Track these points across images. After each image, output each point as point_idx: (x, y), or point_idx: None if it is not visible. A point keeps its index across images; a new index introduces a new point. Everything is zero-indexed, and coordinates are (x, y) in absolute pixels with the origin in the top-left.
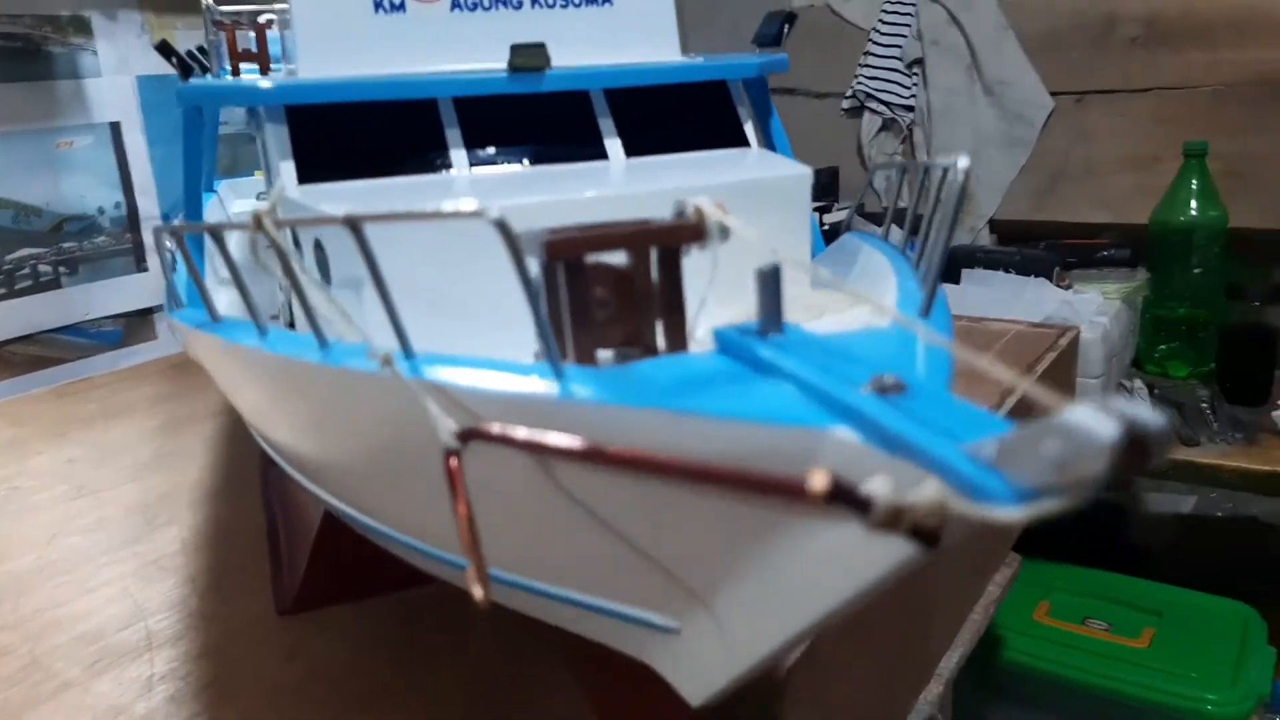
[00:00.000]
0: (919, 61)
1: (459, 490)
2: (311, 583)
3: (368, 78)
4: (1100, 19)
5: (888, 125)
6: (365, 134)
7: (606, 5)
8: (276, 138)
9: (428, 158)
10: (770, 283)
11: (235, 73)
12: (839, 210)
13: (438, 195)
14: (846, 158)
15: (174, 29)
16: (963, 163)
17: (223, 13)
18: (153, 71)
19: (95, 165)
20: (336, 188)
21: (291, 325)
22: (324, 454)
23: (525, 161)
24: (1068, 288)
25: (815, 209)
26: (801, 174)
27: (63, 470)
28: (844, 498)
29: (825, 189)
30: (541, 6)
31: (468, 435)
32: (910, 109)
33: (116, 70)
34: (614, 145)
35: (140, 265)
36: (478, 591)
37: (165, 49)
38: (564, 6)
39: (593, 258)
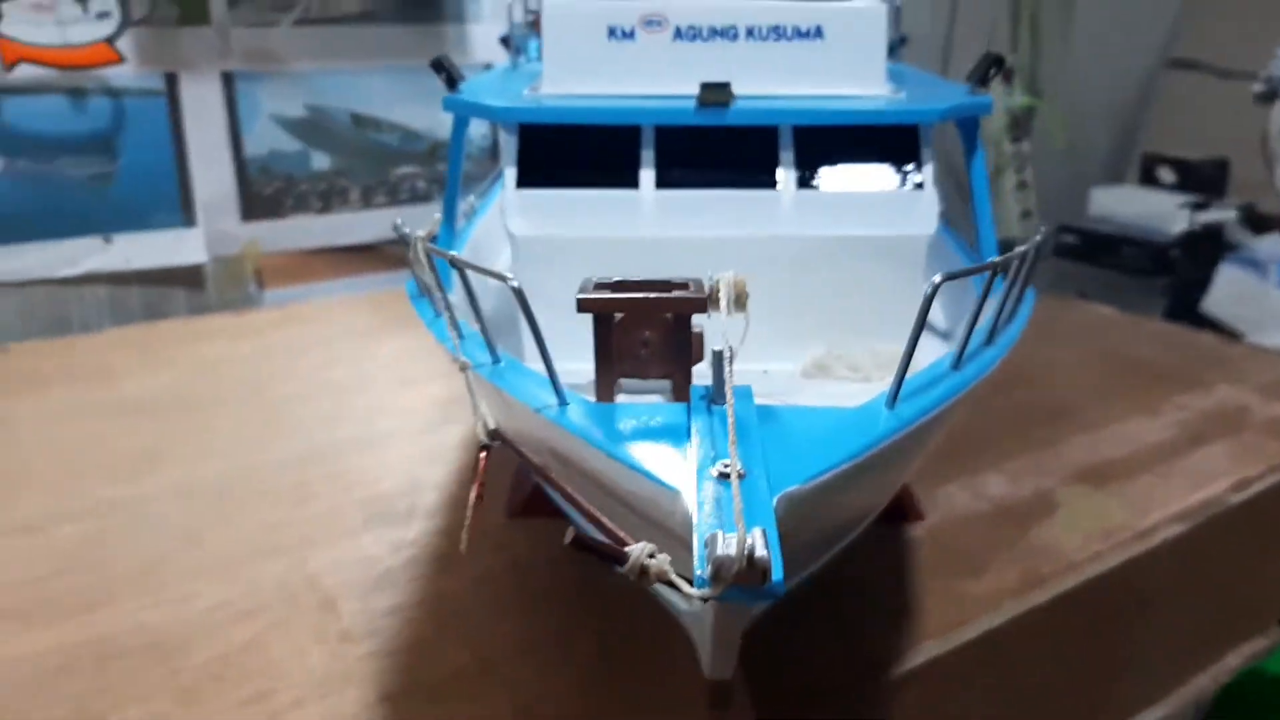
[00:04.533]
0: None
1: (480, 476)
2: (526, 499)
3: (586, 105)
4: None
5: None
6: (576, 150)
7: (818, 39)
8: (508, 147)
9: (623, 174)
10: (718, 363)
11: None
12: (1220, 209)
13: (618, 212)
14: (1243, 149)
15: None
16: None
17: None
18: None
19: None
20: (544, 195)
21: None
22: None
23: (703, 185)
24: None
25: (1192, 205)
26: (917, 235)
27: (397, 360)
28: (601, 552)
29: (1207, 182)
30: (756, 39)
31: (494, 435)
32: None
33: (493, 17)
34: (787, 176)
35: None
36: (463, 543)
37: (438, 65)
38: (777, 39)
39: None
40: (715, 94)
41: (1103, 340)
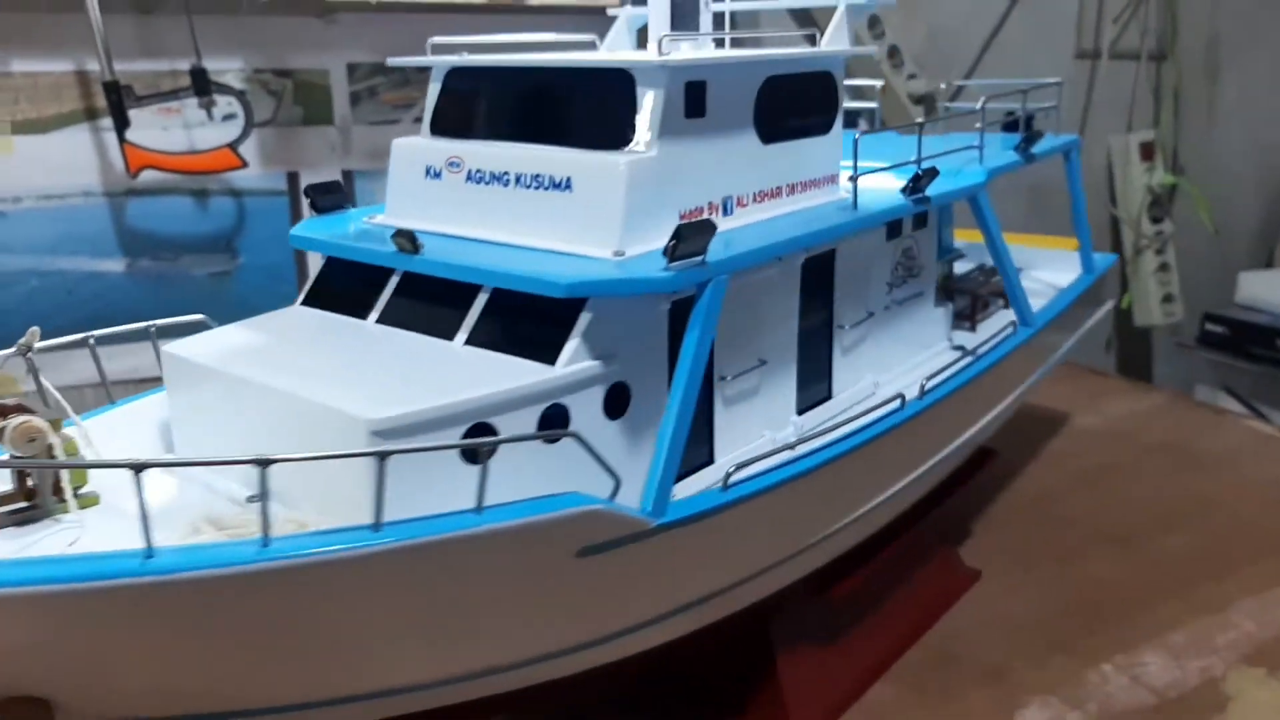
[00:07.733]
0: None
1: None
2: None
3: (348, 244)
4: None
5: None
6: (340, 281)
7: (567, 191)
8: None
9: (363, 306)
10: None
11: None
12: None
13: (329, 337)
14: None
15: None
16: None
17: None
18: None
19: None
20: (302, 313)
21: None
22: None
23: (399, 324)
24: None
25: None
26: (358, 418)
27: None
28: None
29: None
30: (520, 186)
31: None
32: None
33: None
34: (463, 333)
35: None
36: None
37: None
38: (535, 189)
39: None
40: (402, 241)
41: (1263, 467)
